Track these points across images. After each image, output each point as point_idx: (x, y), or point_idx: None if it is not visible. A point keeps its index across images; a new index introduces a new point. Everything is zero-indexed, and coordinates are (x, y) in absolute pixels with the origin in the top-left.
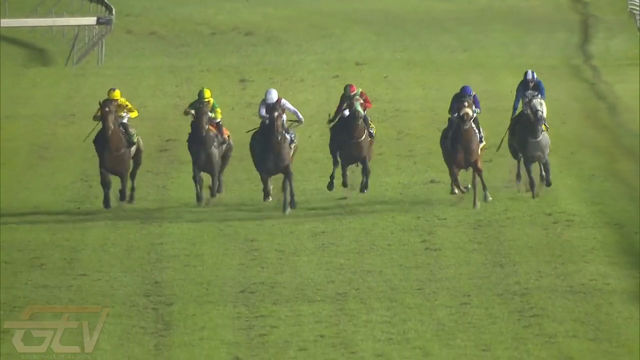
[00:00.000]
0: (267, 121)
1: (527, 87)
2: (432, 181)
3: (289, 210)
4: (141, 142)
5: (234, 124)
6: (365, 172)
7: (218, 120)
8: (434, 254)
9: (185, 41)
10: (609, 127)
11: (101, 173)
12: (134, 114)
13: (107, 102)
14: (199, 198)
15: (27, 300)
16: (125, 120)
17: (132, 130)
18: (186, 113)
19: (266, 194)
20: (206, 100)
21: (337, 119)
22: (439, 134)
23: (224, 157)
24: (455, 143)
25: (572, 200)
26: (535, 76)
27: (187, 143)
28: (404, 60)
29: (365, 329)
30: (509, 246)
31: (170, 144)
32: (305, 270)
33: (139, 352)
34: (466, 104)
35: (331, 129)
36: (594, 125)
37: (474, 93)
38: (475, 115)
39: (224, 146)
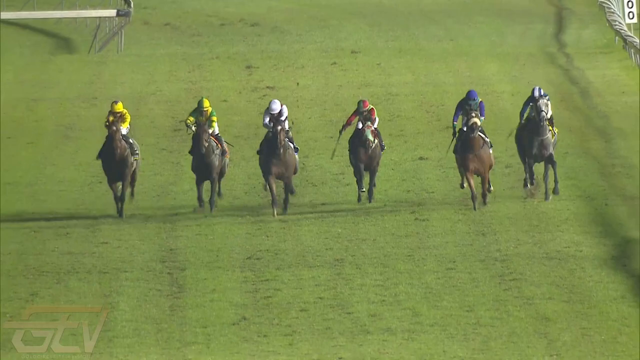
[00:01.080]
0: (271, 133)
1: (534, 101)
2: (420, 158)
3: (276, 211)
4: (137, 151)
5: (241, 106)
6: (372, 180)
7: (217, 132)
8: (422, 224)
9: (197, 31)
10: (582, 109)
11: (108, 179)
12: (125, 124)
13: (114, 121)
14: (200, 204)
15: (54, 266)
16: (124, 132)
17: (134, 143)
18: (187, 125)
19: (274, 199)
20: (205, 109)
21: (354, 131)
22: (427, 116)
23: (223, 167)
24: (467, 152)
25: (555, 197)
26: (542, 92)
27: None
28: (395, 48)
29: (360, 292)
30: (491, 217)
31: (183, 125)
32: (305, 239)
33: (156, 312)
34: (474, 114)
35: (350, 141)
36: (567, 108)
37: (480, 100)
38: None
39: (223, 158)
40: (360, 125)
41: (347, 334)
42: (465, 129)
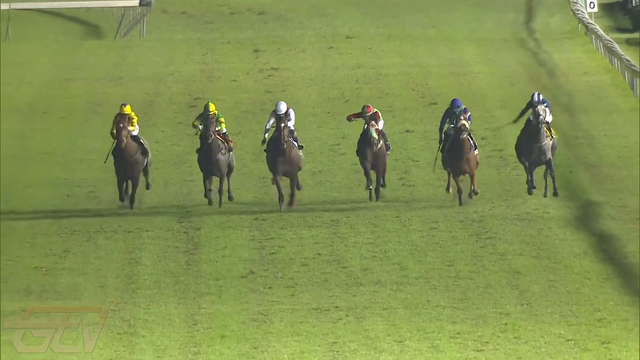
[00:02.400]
0: (276, 132)
1: (532, 106)
2: (407, 131)
3: (283, 206)
4: (149, 155)
5: (249, 85)
6: (378, 180)
7: (224, 131)
8: (409, 189)
9: (210, 19)
10: (549, 87)
11: (117, 177)
12: (132, 128)
13: (121, 117)
14: (210, 202)
15: (84, 226)
16: (135, 133)
17: (144, 142)
18: (194, 126)
19: (280, 195)
20: (211, 113)
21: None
22: (413, 94)
23: (230, 163)
24: (455, 153)
25: None
26: (541, 97)
27: (197, 154)
28: (385, 34)
29: (354, 249)
30: (469, 183)
31: (198, 101)
32: (306, 202)
33: (174, 266)
34: (462, 117)
35: (358, 142)
36: (536, 87)
37: (463, 106)
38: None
39: (231, 154)
40: (365, 126)
41: (342, 285)
42: (453, 131)
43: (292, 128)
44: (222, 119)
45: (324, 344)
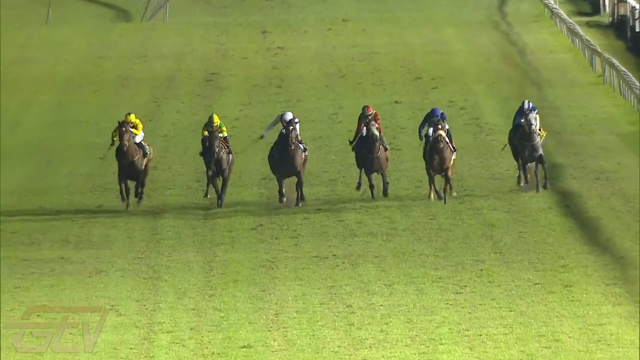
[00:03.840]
0: (283, 134)
1: (522, 114)
2: (395, 102)
3: (300, 205)
4: (152, 154)
5: (258, 62)
6: (384, 180)
7: (225, 135)
8: (397, 152)
9: (224, 4)
10: (519, 64)
11: (119, 177)
12: (138, 132)
13: (123, 124)
14: (206, 194)
15: (115, 185)
16: (139, 140)
17: (146, 145)
18: (203, 135)
19: (281, 195)
20: (215, 124)
21: (357, 139)
22: (401, 69)
23: (230, 165)
24: (433, 154)
25: (493, 116)
26: (531, 105)
27: (200, 155)
28: (377, 18)
29: (349, 204)
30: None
31: (213, 76)
32: (307, 164)
33: (193, 219)
34: (440, 126)
35: (354, 147)
36: (508, 64)
37: (441, 112)
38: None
39: (230, 157)
40: (365, 132)
41: (339, 236)
42: (431, 139)
43: (298, 133)
44: (224, 128)
45: (323, 287)
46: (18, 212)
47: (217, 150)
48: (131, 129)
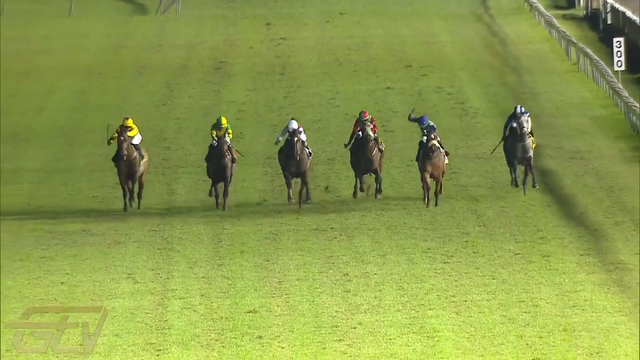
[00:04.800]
0: (289, 142)
1: (516, 118)
2: (388, 88)
3: (306, 204)
4: (146, 157)
5: (263, 51)
6: (378, 180)
7: (229, 144)
8: (390, 134)
9: None
10: (500, 53)
11: (120, 179)
12: (134, 133)
13: (122, 130)
14: (217, 200)
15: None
16: (136, 142)
17: (142, 150)
18: (212, 135)
19: (289, 194)
20: (223, 125)
21: (353, 141)
22: (393, 58)
23: (232, 172)
24: (426, 161)
25: (477, 100)
26: (523, 109)
27: (205, 160)
28: (371, 11)
29: (346, 181)
30: (440, 129)
31: (222, 64)
32: (307, 144)
33: (202, 195)
34: (432, 136)
35: (350, 149)
36: (490, 53)
37: (432, 123)
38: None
39: (234, 164)
40: (361, 135)
41: (337, 210)
42: (424, 148)
43: (304, 139)
44: (230, 131)
45: (322, 257)
46: (43, 188)
47: (224, 158)
48: (128, 135)
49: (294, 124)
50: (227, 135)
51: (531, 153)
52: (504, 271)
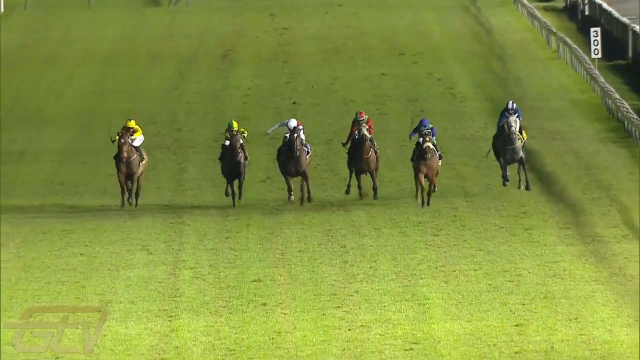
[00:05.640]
0: (288, 140)
1: (507, 112)
2: (382, 74)
3: (306, 203)
4: (145, 159)
5: (267, 40)
6: (374, 181)
7: (242, 142)
8: (384, 117)
9: None
10: (487, 42)
11: (119, 179)
12: (137, 134)
13: (124, 134)
14: (227, 194)
15: (145, 143)
16: (135, 144)
17: (142, 152)
18: (225, 136)
19: (289, 193)
20: (234, 130)
21: (349, 142)
22: (387, 47)
23: (244, 169)
24: (420, 162)
25: (464, 85)
26: (515, 106)
27: (219, 160)
28: (367, 3)
29: (343, 161)
30: (430, 113)
31: (229, 52)
32: (307, 126)
33: (211, 174)
34: (428, 139)
35: (348, 150)
36: (477, 42)
37: (431, 126)
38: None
39: (247, 162)
40: (357, 135)
41: (335, 187)
42: (419, 150)
43: (303, 138)
44: (243, 129)
45: (322, 230)
46: (64, 167)
47: (237, 155)
48: (131, 137)
49: (294, 122)
50: (238, 134)
51: (522, 154)
52: (489, 243)
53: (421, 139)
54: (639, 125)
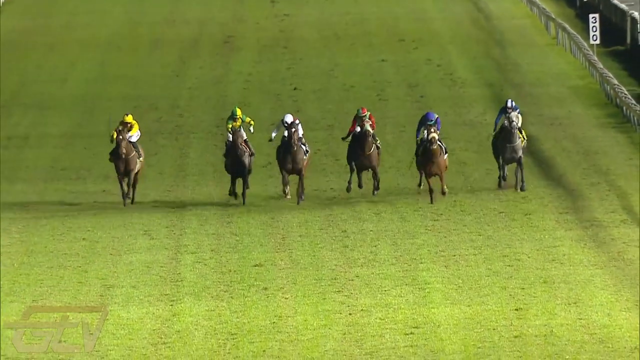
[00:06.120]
0: (286, 137)
1: (506, 112)
2: (382, 60)
3: (300, 201)
4: (143, 156)
5: (268, 26)
6: (375, 177)
7: (245, 138)
8: (384, 102)
9: None
10: (486, 28)
11: (118, 176)
12: (133, 132)
13: (121, 129)
14: (236, 196)
15: (147, 128)
16: (133, 139)
17: (140, 149)
18: (227, 128)
19: (284, 189)
20: (237, 117)
21: (350, 136)
22: (387, 33)
23: (250, 165)
24: (426, 159)
25: (464, 70)
26: (514, 104)
27: (223, 157)
28: None
29: (344, 145)
30: (429, 98)
31: (230, 39)
32: (307, 110)
33: (213, 159)
34: (432, 130)
35: (348, 145)
36: (476, 27)
37: (437, 116)
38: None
39: (251, 159)
40: (358, 130)
41: (335, 173)
42: (425, 141)
43: (301, 135)
44: (248, 119)
45: (322, 215)
46: (66, 152)
47: (241, 153)
48: (128, 133)
49: (290, 117)
50: (242, 128)
51: (521, 153)
52: (489, 228)
53: (426, 132)
54: (638, 110)
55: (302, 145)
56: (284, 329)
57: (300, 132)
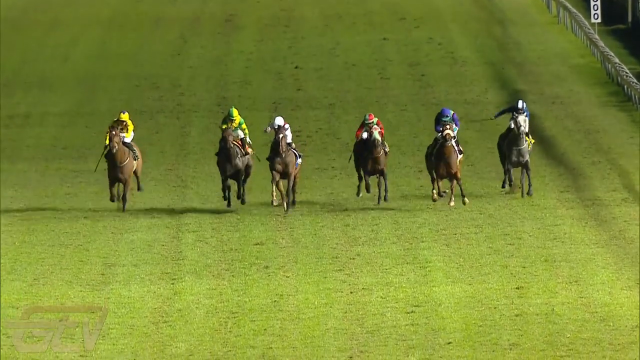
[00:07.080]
0: (274, 142)
1: (515, 112)
2: (384, 39)
3: (290, 209)
4: (139, 158)
5: (269, 4)
6: (385, 182)
7: (242, 136)
8: (385, 81)
9: None
10: (487, 6)
11: (109, 180)
12: (128, 135)
13: (114, 126)
14: (228, 204)
15: (148, 107)
16: (128, 140)
17: (135, 149)
18: (220, 127)
19: (273, 196)
20: (233, 118)
21: (359, 140)
22: (388, 12)
23: (247, 168)
24: (438, 159)
25: (466, 50)
26: (525, 105)
27: (216, 157)
28: None
29: (346, 125)
30: (431, 77)
31: (231, 17)
32: (310, 91)
33: (214, 138)
34: (448, 126)
35: (354, 149)
36: (478, 6)
37: (452, 112)
38: (455, 133)
39: (246, 158)
40: (365, 136)
41: (337, 151)
42: (439, 138)
43: (290, 141)
44: (244, 126)
45: (324, 193)
46: (68, 131)
47: (233, 157)
48: (121, 132)
49: (279, 120)
50: (236, 130)
51: (527, 157)
52: (490, 207)
53: (440, 127)
54: (638, 89)
55: (293, 151)
56: (285, 307)
57: (289, 137)
